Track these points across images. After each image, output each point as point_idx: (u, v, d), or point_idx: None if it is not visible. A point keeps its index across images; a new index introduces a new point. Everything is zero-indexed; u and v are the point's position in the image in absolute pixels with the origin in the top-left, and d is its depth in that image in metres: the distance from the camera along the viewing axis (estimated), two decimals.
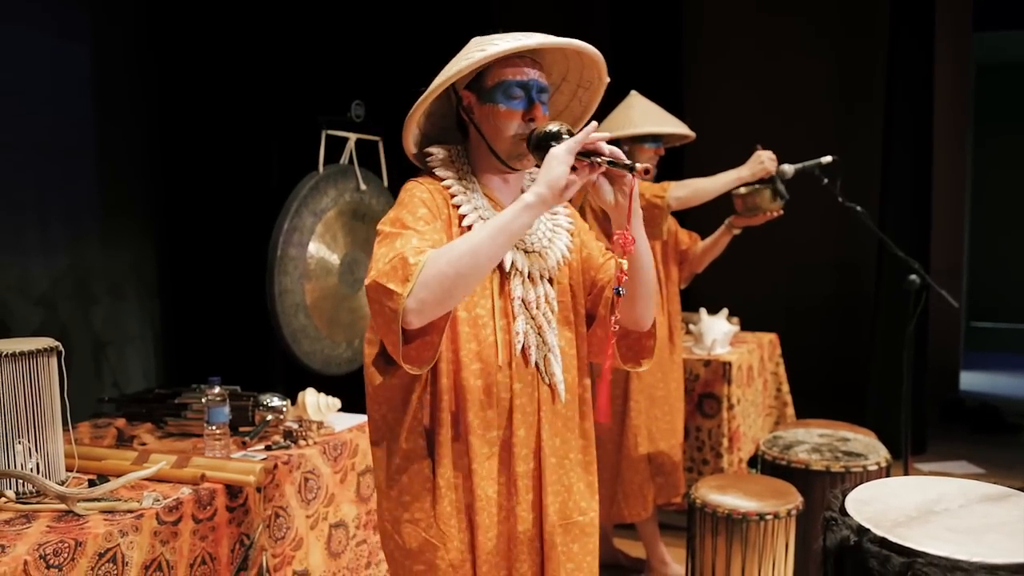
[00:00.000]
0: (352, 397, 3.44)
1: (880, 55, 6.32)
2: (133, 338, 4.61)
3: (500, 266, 1.86)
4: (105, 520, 2.09)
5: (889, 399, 5.65)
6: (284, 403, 2.89)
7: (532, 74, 1.86)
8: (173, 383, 4.09)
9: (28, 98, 3.92)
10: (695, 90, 7.03)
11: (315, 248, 3.52)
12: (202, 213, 4.65)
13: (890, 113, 6.04)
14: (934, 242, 6.23)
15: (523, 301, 1.89)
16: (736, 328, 4.66)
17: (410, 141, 1.97)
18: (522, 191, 1.96)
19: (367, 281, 1.68)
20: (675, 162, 5.03)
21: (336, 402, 3.04)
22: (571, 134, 1.73)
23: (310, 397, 2.97)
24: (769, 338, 5.04)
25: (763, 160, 3.55)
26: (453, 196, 1.89)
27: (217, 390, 2.60)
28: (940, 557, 1.50)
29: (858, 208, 3.68)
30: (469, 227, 1.84)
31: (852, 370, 6.68)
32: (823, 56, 7.26)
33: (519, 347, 1.87)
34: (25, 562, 1.81)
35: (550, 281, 1.95)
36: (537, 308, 1.90)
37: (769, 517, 3.00)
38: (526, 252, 1.91)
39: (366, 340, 1.94)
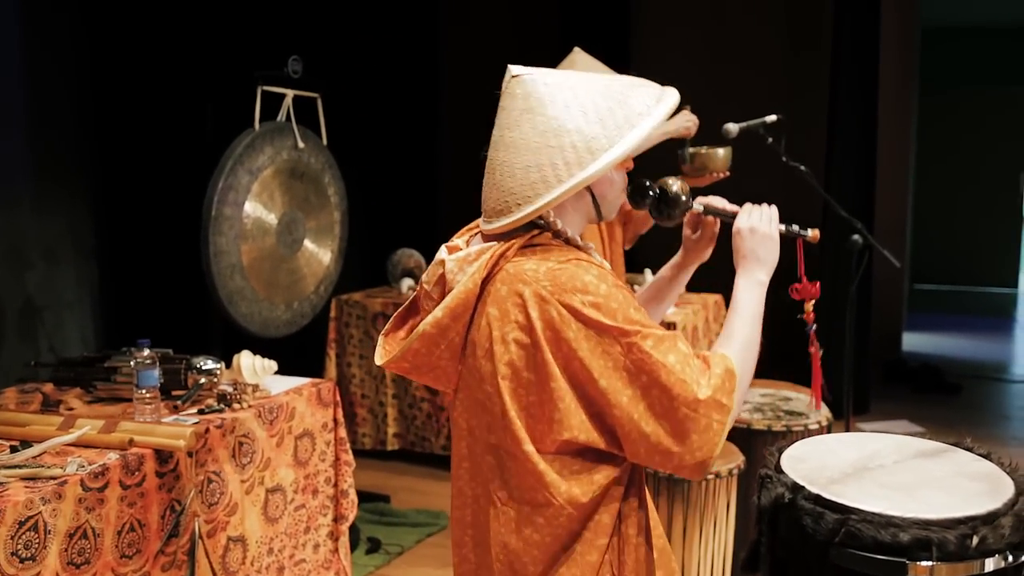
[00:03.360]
0: (290, 359, 3.38)
1: (828, 21, 6.31)
2: (70, 303, 4.49)
3: None
4: (26, 487, 2.03)
5: (833, 359, 5.69)
6: (218, 366, 2.82)
7: None
8: (112, 347, 4.00)
9: None
10: (643, 39, 6.98)
11: (251, 208, 3.44)
12: (137, 173, 4.53)
13: (836, 75, 6.04)
14: (878, 204, 6.27)
15: None
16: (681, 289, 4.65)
17: (533, 218, 1.60)
18: None
19: (701, 395, 1.46)
20: None
21: (272, 364, 2.98)
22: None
23: (245, 359, 2.91)
24: (714, 299, 5.04)
25: (688, 120, 3.51)
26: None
27: (147, 353, 2.52)
28: (874, 513, 1.49)
29: (802, 168, 3.66)
30: None
31: (797, 330, 6.71)
32: (770, 15, 7.24)
33: None
34: None
35: None
36: None
37: (711, 477, 2.99)
38: None
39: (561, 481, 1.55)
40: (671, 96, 1.60)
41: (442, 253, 1.64)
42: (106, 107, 4.46)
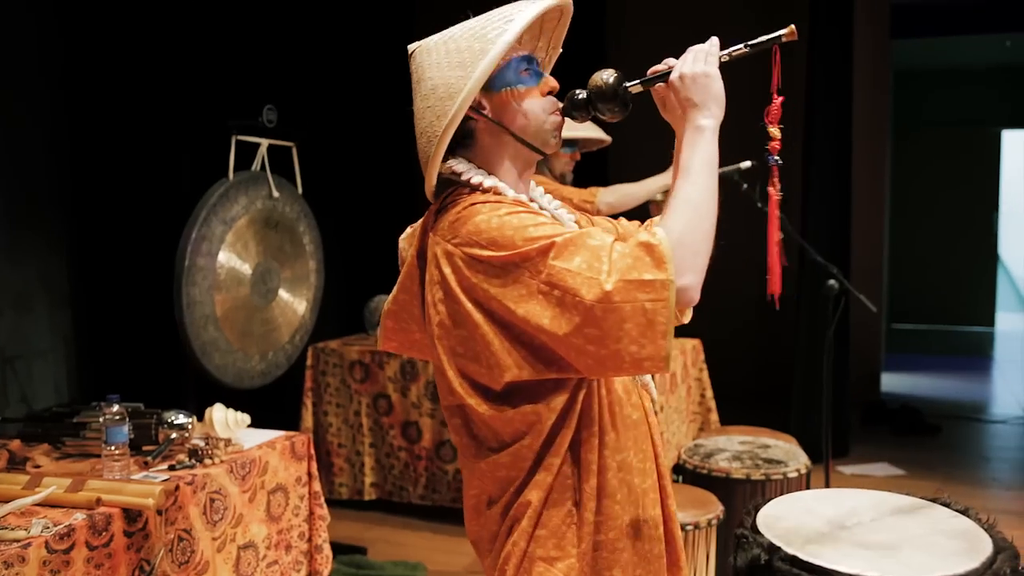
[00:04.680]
0: (266, 410, 3.34)
1: (800, 64, 6.38)
2: (43, 351, 4.43)
3: None
4: None
5: (812, 403, 5.69)
6: (189, 420, 2.78)
7: (528, 48, 1.68)
8: (87, 398, 3.95)
9: None
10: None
11: (225, 258, 3.41)
12: (113, 221, 4.50)
13: (811, 119, 6.09)
14: (854, 245, 6.30)
15: None
16: None
17: (434, 180, 1.63)
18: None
19: (607, 287, 1.38)
20: (599, 161, 5.01)
21: (245, 418, 2.94)
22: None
23: (217, 413, 2.86)
24: (692, 344, 5.03)
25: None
26: (531, 201, 1.63)
27: (116, 408, 2.47)
28: (851, 575, 1.47)
29: None
30: None
31: (776, 374, 6.72)
32: (743, 64, 7.30)
33: None
34: None
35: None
36: None
37: (690, 528, 2.96)
38: None
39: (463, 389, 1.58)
40: (530, 7, 1.54)
41: (404, 232, 1.76)
42: (81, 156, 4.45)
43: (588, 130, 3.67)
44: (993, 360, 10.33)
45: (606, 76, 1.61)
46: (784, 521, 1.68)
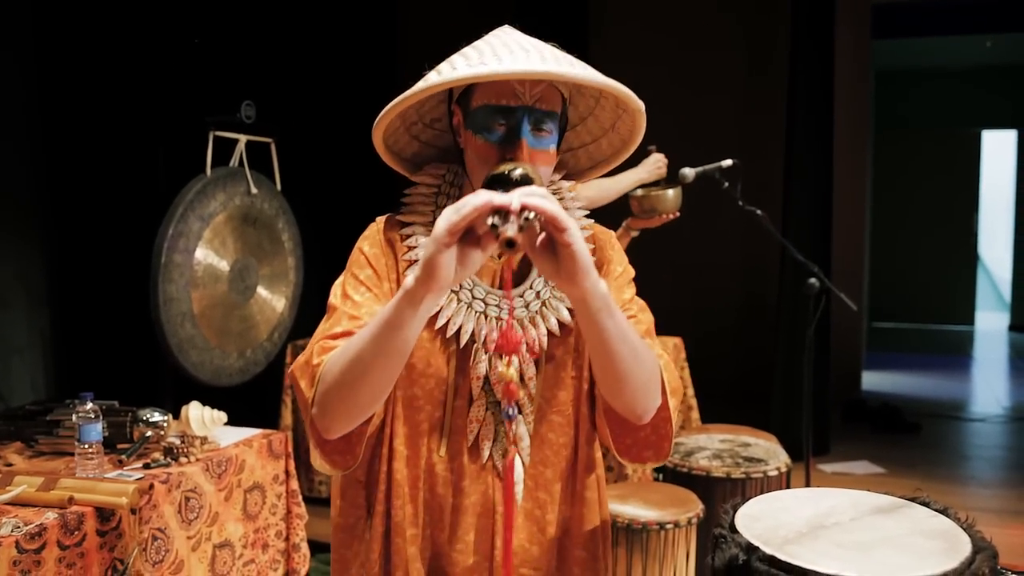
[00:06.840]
0: (243, 409, 3.31)
1: (782, 65, 6.39)
2: (20, 348, 4.40)
3: (457, 338, 1.53)
4: None
5: (793, 401, 5.70)
6: (165, 418, 2.74)
7: (526, 97, 1.42)
8: (64, 395, 3.91)
9: None
10: None
11: (202, 254, 3.38)
12: (90, 219, 4.47)
13: (792, 119, 6.10)
14: (835, 244, 6.32)
15: (488, 381, 1.55)
16: None
17: (380, 146, 1.61)
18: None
19: (291, 367, 1.48)
20: None
21: (222, 415, 2.91)
22: (529, 179, 1.31)
23: (193, 411, 2.83)
24: (673, 342, 5.02)
25: (658, 162, 3.50)
26: (409, 249, 1.55)
27: (89, 406, 2.45)
28: (828, 575, 1.45)
29: (758, 212, 3.67)
30: None
31: (757, 373, 6.73)
32: (728, 65, 7.32)
33: (472, 437, 1.56)
34: None
35: (536, 358, 1.56)
36: None
37: (670, 526, 2.95)
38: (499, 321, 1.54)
39: None
40: (451, 68, 1.40)
41: None
42: (58, 153, 4.41)
43: None
44: (973, 359, 10.39)
45: (501, 169, 1.36)
46: (763, 521, 1.66)
